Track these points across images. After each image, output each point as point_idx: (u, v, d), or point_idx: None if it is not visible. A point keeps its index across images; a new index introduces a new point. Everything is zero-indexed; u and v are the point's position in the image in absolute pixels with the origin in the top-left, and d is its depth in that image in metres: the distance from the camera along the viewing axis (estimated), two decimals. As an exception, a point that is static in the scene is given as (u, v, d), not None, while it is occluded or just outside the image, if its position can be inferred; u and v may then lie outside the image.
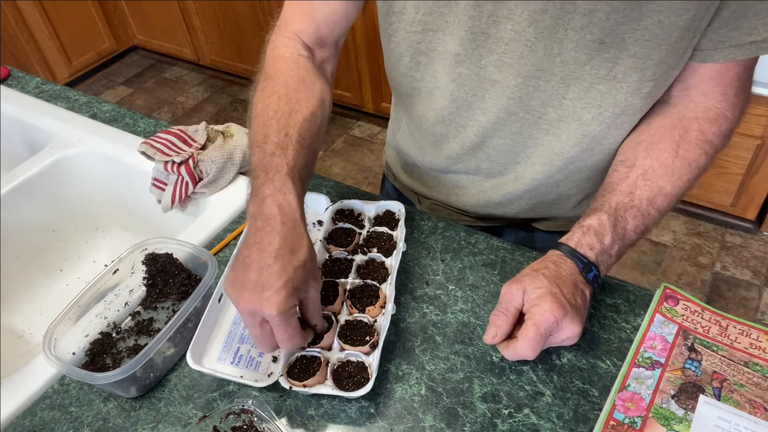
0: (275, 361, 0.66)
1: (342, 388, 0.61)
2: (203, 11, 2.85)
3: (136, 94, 3.15)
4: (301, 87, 0.69)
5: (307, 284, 0.59)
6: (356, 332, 0.66)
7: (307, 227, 0.62)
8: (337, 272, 0.73)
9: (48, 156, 0.99)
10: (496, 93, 0.70)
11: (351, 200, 0.81)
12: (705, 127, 0.66)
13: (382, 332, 0.64)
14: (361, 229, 0.78)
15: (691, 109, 0.67)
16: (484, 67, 0.68)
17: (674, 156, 0.66)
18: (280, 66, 0.71)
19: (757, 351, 0.64)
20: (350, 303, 0.68)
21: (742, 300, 1.91)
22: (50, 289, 1.00)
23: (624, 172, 0.67)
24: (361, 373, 0.62)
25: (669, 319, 0.68)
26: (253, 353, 0.67)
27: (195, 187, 0.88)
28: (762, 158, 1.89)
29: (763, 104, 1.77)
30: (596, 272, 0.63)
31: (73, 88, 1.19)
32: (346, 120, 2.82)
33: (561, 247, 0.64)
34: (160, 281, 0.75)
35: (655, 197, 0.65)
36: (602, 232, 0.63)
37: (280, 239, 0.57)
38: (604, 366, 0.64)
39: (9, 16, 2.75)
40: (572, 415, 0.61)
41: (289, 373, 0.63)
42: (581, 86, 0.65)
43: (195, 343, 0.65)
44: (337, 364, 0.64)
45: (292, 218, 0.59)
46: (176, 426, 0.63)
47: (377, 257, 0.73)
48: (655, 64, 0.62)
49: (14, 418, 0.65)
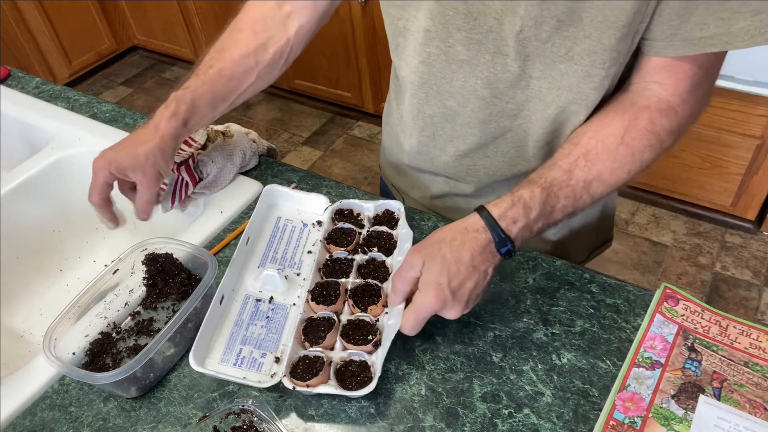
0: (278, 362, 0.66)
1: (345, 387, 0.61)
2: (203, 11, 2.85)
3: (136, 94, 3.15)
4: (247, 29, 0.80)
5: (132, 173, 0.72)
6: (358, 331, 0.66)
7: None
8: (338, 272, 0.73)
9: (48, 156, 0.99)
10: (464, 74, 0.70)
11: (350, 200, 0.81)
12: (655, 117, 0.65)
13: (391, 331, 0.64)
14: (361, 229, 0.78)
15: (646, 97, 0.66)
16: (452, 45, 0.68)
17: (620, 142, 0.65)
18: (246, 8, 0.82)
19: (757, 351, 0.64)
20: (352, 302, 0.68)
21: (742, 300, 1.91)
22: (50, 289, 1.00)
23: (568, 149, 0.66)
24: (364, 372, 0.63)
25: (669, 319, 0.68)
26: (255, 354, 0.67)
27: (195, 187, 0.88)
28: (762, 158, 1.89)
29: (763, 104, 1.77)
30: (511, 247, 0.62)
31: (73, 88, 1.19)
32: (346, 120, 2.82)
33: (483, 213, 0.63)
34: (160, 281, 0.75)
35: (591, 181, 0.65)
36: (531, 206, 0.63)
37: (138, 134, 0.74)
38: (604, 366, 0.64)
39: (9, 16, 2.75)
40: (572, 415, 0.61)
41: (292, 373, 0.63)
42: (544, 63, 0.65)
43: (197, 344, 0.65)
44: (339, 363, 0.64)
45: (155, 124, 0.74)
46: (176, 426, 0.63)
47: (378, 256, 0.73)
48: (606, 49, 0.62)
49: (14, 418, 0.65)
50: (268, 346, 0.68)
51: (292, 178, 0.92)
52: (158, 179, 0.74)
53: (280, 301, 0.73)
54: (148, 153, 0.72)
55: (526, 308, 0.71)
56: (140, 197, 0.74)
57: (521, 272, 0.75)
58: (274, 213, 0.84)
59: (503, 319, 0.70)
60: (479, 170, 0.81)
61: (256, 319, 0.71)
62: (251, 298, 0.73)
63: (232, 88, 0.79)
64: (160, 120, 0.74)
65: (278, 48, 0.80)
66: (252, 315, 0.71)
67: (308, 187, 0.90)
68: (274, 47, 0.80)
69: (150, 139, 0.72)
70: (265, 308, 0.72)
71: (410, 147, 0.84)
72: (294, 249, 0.79)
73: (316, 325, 0.67)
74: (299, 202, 0.84)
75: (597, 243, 0.95)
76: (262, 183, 0.91)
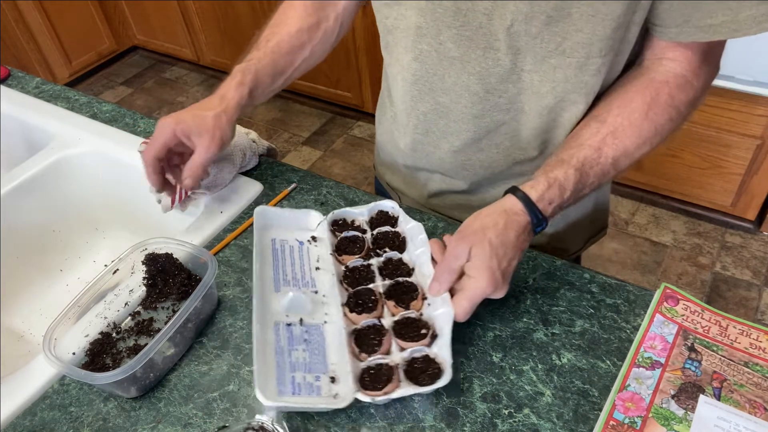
0: (334, 382, 0.63)
1: (420, 384, 0.61)
2: (203, 11, 2.85)
3: (136, 94, 3.15)
4: (300, 8, 0.84)
5: (197, 135, 0.74)
6: (410, 329, 0.65)
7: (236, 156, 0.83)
8: (360, 279, 0.71)
9: (48, 156, 0.99)
10: (456, 71, 0.71)
11: (342, 210, 0.79)
12: (674, 92, 0.67)
13: (447, 319, 0.63)
14: (364, 234, 0.77)
15: (662, 72, 0.68)
16: (443, 42, 0.69)
17: (644, 117, 0.67)
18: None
19: (757, 351, 0.64)
20: (393, 303, 0.68)
21: (742, 300, 1.91)
22: (50, 289, 1.00)
23: (595, 128, 0.68)
24: (431, 365, 0.62)
25: (669, 319, 0.68)
26: (309, 379, 0.63)
27: (195, 187, 0.88)
28: (762, 158, 1.89)
29: (763, 104, 1.77)
30: (544, 225, 0.66)
31: (73, 88, 1.19)
32: (346, 120, 2.82)
33: (520, 195, 0.66)
34: (160, 281, 0.75)
35: (619, 157, 0.68)
36: (565, 187, 0.66)
37: (203, 102, 0.77)
38: (604, 366, 0.64)
39: (9, 16, 2.75)
40: (572, 415, 0.61)
41: (362, 385, 0.61)
42: (535, 58, 0.67)
43: (259, 380, 0.60)
44: (404, 364, 0.63)
45: (221, 93, 0.77)
46: (176, 426, 0.63)
47: (393, 255, 0.73)
48: (601, 40, 0.64)
49: (14, 418, 0.65)
50: (318, 368, 0.64)
51: (292, 178, 0.92)
52: (220, 145, 0.76)
53: (310, 322, 0.69)
54: (215, 117, 0.75)
55: (526, 308, 0.71)
56: (196, 158, 0.74)
57: (521, 272, 0.75)
58: (268, 235, 0.78)
59: (503, 319, 0.70)
60: (475, 164, 0.81)
61: (295, 344, 0.66)
62: (281, 324, 0.68)
63: (289, 62, 0.83)
64: (227, 90, 0.77)
65: (329, 24, 0.85)
66: (289, 341, 0.67)
67: (308, 186, 0.90)
68: (325, 23, 0.85)
69: (216, 106, 0.76)
70: (299, 332, 0.68)
71: (404, 145, 0.85)
72: (301, 268, 0.75)
73: (365, 335, 0.65)
74: (289, 220, 0.79)
75: (593, 232, 0.96)
76: (262, 183, 0.91)
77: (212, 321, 0.73)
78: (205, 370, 0.68)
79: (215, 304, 0.74)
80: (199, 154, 0.74)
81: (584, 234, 0.94)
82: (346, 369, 0.62)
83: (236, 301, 0.75)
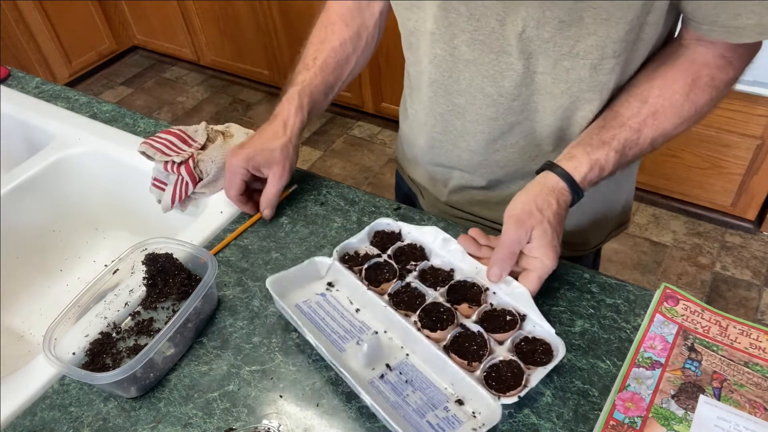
0: (462, 404, 0.61)
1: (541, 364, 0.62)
2: (203, 11, 2.85)
3: (136, 94, 3.15)
4: (338, 20, 0.87)
5: (267, 168, 0.80)
6: (496, 321, 0.67)
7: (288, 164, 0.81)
8: (411, 300, 0.69)
9: (48, 156, 0.99)
10: (471, 73, 0.72)
11: (342, 245, 0.76)
12: (714, 73, 0.68)
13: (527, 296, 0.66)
14: (382, 257, 0.74)
15: (701, 53, 0.68)
16: (457, 47, 0.71)
17: (685, 98, 0.68)
18: (330, 4, 0.89)
19: (757, 351, 0.64)
20: (466, 305, 0.68)
21: (742, 300, 1.91)
22: (50, 289, 1.00)
23: (636, 107, 0.69)
24: (538, 343, 0.64)
25: (669, 319, 0.68)
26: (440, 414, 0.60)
27: (195, 187, 0.88)
28: (762, 158, 1.89)
29: (763, 104, 1.77)
30: (578, 200, 0.70)
31: (73, 88, 1.19)
32: (346, 120, 2.82)
33: (560, 172, 0.68)
34: (160, 281, 0.75)
35: (657, 137, 0.69)
36: (605, 169, 0.68)
37: (267, 131, 0.82)
38: (604, 366, 0.64)
39: (9, 16, 2.75)
40: (572, 415, 0.61)
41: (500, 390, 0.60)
42: (548, 61, 0.68)
43: None
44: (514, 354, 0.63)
45: (282, 120, 0.81)
46: (176, 426, 0.63)
47: (424, 265, 0.73)
48: (615, 42, 0.65)
49: (14, 418, 0.65)
50: (439, 399, 0.62)
51: (293, 179, 0.92)
52: (290, 172, 0.82)
53: (397, 362, 0.66)
54: (282, 148, 0.80)
55: (526, 308, 0.71)
56: (271, 188, 0.81)
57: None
58: (290, 302, 0.72)
59: (503, 319, 0.70)
60: (491, 163, 0.82)
61: (402, 391, 0.63)
62: (375, 381, 0.64)
63: (338, 76, 0.87)
64: (287, 115, 0.81)
65: (369, 32, 0.88)
66: (395, 391, 0.63)
67: (308, 187, 0.90)
68: (366, 32, 0.88)
69: (281, 136, 0.80)
70: (395, 378, 0.64)
71: (424, 142, 0.87)
72: (343, 318, 0.70)
73: (461, 345, 0.64)
74: (300, 278, 0.74)
75: (615, 226, 0.96)
76: (262, 183, 0.91)
77: (212, 321, 0.73)
78: (205, 370, 0.68)
79: (215, 304, 0.74)
80: (273, 185, 0.81)
81: (608, 228, 0.95)
82: (464, 386, 0.61)
83: (236, 301, 0.75)
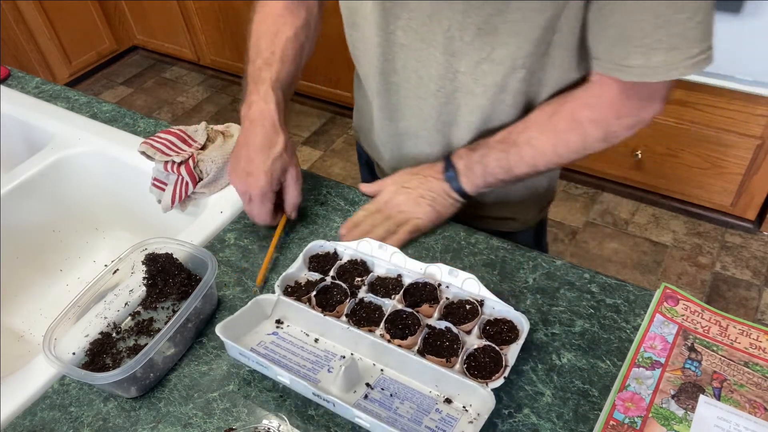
0: (451, 402, 0.62)
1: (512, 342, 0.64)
2: (203, 11, 2.85)
3: (136, 94, 3.15)
4: (285, 12, 0.84)
5: (285, 172, 0.79)
6: (457, 313, 0.68)
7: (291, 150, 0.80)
8: (370, 314, 0.69)
9: (48, 156, 0.99)
10: (405, 55, 0.76)
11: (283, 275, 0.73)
12: (576, 108, 0.72)
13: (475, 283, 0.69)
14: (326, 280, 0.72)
15: (574, 94, 0.73)
16: (393, 32, 0.75)
17: (547, 120, 0.74)
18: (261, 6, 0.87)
19: (757, 351, 0.64)
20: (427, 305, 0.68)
21: (742, 300, 1.91)
22: (50, 289, 1.00)
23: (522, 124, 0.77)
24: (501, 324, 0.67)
25: (669, 319, 0.68)
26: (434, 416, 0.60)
27: (195, 187, 0.88)
28: (762, 158, 1.89)
29: (763, 104, 1.77)
30: None
31: (73, 88, 1.19)
32: (346, 120, 2.82)
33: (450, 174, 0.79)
34: (160, 281, 0.75)
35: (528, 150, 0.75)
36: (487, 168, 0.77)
37: (261, 138, 0.77)
38: (604, 366, 0.64)
39: (9, 16, 2.75)
40: (572, 415, 0.61)
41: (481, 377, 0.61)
42: (470, 62, 0.72)
43: None
44: (486, 339, 0.65)
45: (271, 121, 0.78)
46: (176, 426, 0.63)
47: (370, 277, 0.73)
48: (524, 55, 0.70)
49: (14, 418, 0.65)
50: (428, 403, 0.62)
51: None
52: (300, 172, 0.82)
53: (375, 379, 0.65)
54: (285, 150, 0.78)
55: (526, 308, 0.71)
56: (293, 191, 0.80)
57: (521, 272, 0.75)
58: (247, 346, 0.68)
59: (503, 319, 0.70)
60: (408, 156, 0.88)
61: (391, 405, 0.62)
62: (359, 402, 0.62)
63: (297, 65, 0.86)
64: (272, 114, 0.78)
65: (315, 18, 0.88)
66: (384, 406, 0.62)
67: (308, 186, 0.90)
68: (312, 19, 0.87)
69: (280, 140, 0.78)
70: (378, 394, 0.63)
71: (373, 115, 0.89)
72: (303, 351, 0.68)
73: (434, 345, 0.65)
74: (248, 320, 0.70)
75: (543, 203, 0.97)
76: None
77: (212, 321, 0.73)
78: (205, 370, 0.68)
79: (215, 304, 0.74)
80: (294, 188, 0.80)
81: (534, 207, 0.95)
82: (450, 383, 0.61)
83: (236, 301, 0.75)
